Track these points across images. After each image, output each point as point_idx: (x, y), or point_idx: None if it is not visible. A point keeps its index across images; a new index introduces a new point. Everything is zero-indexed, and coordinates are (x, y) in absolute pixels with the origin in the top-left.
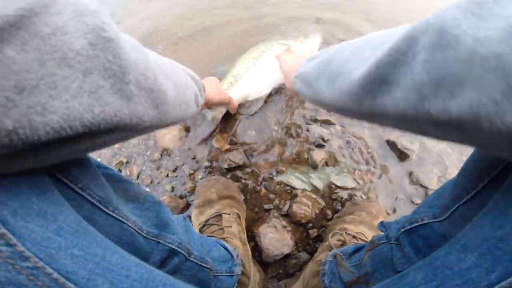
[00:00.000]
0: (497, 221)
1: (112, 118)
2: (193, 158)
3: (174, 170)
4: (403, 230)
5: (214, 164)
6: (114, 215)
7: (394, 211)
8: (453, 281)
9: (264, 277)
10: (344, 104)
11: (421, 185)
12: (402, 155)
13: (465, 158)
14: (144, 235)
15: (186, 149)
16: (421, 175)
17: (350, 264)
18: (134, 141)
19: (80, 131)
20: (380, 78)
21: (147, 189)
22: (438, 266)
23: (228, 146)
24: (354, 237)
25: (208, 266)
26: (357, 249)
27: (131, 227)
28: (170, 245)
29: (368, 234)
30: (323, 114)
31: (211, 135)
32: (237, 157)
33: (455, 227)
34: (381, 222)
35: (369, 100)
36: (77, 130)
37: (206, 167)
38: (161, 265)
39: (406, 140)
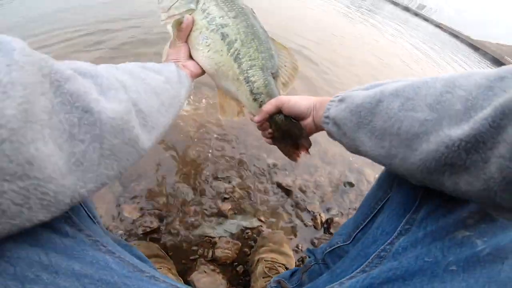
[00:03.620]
0: (363, 241)
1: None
2: (106, 229)
3: None
4: (326, 252)
5: (129, 232)
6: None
7: (295, 235)
8: (337, 272)
9: None
10: (390, 163)
11: (308, 210)
12: (287, 192)
13: (335, 182)
14: None
15: None
16: (306, 203)
17: (292, 285)
18: None
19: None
20: (450, 162)
21: None
22: (334, 267)
23: (138, 214)
24: (271, 262)
25: None
26: (293, 273)
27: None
28: None
29: (279, 258)
30: (223, 172)
31: None
32: (150, 221)
33: (354, 246)
34: (308, 249)
35: (425, 174)
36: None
37: (121, 236)
38: None
39: (288, 178)
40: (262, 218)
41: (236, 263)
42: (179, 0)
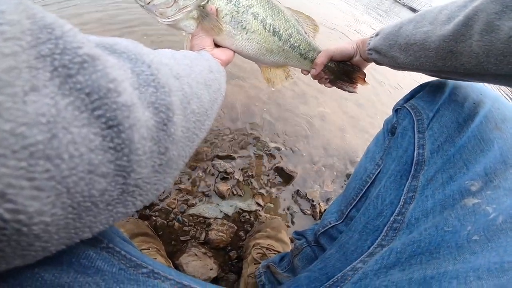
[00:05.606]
0: (365, 214)
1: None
2: None
3: None
4: (319, 233)
5: None
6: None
7: (293, 223)
8: (350, 248)
9: None
10: (420, 65)
11: (307, 199)
12: (289, 178)
13: (335, 173)
14: None
15: None
16: (306, 191)
17: (282, 270)
18: None
19: None
20: (448, 49)
21: None
22: (342, 243)
23: None
24: (267, 248)
25: None
26: (282, 257)
27: None
28: None
29: (276, 245)
30: (225, 150)
31: None
32: None
33: (348, 225)
34: (295, 232)
35: (441, 62)
36: None
37: None
38: None
39: (290, 165)
40: (261, 202)
41: (230, 248)
42: None
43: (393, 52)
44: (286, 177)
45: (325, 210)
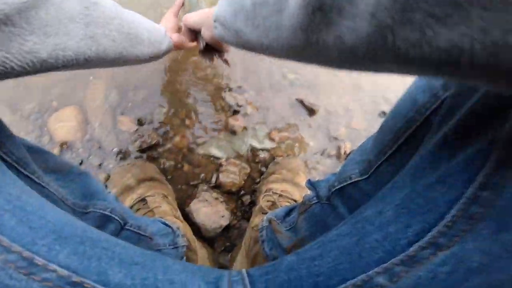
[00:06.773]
0: (412, 178)
1: (100, 53)
2: (99, 147)
3: (80, 164)
4: (333, 189)
5: (125, 148)
6: (33, 177)
7: (314, 165)
8: (373, 236)
9: (211, 251)
10: (269, 46)
11: (331, 137)
12: (310, 112)
13: (365, 109)
14: (70, 205)
15: (88, 139)
16: (330, 128)
17: (286, 228)
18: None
19: (81, 60)
20: (319, 6)
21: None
22: (360, 220)
23: (136, 127)
24: (280, 195)
25: (147, 235)
26: (289, 211)
27: (53, 193)
28: (101, 211)
29: (292, 190)
30: (237, 81)
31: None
32: (149, 136)
33: (379, 185)
34: (309, 180)
35: (308, 35)
36: (81, 59)
37: (116, 154)
38: None
39: (312, 97)
40: (277, 139)
41: (243, 192)
42: None
43: (238, 24)
44: (307, 111)
45: (352, 151)
